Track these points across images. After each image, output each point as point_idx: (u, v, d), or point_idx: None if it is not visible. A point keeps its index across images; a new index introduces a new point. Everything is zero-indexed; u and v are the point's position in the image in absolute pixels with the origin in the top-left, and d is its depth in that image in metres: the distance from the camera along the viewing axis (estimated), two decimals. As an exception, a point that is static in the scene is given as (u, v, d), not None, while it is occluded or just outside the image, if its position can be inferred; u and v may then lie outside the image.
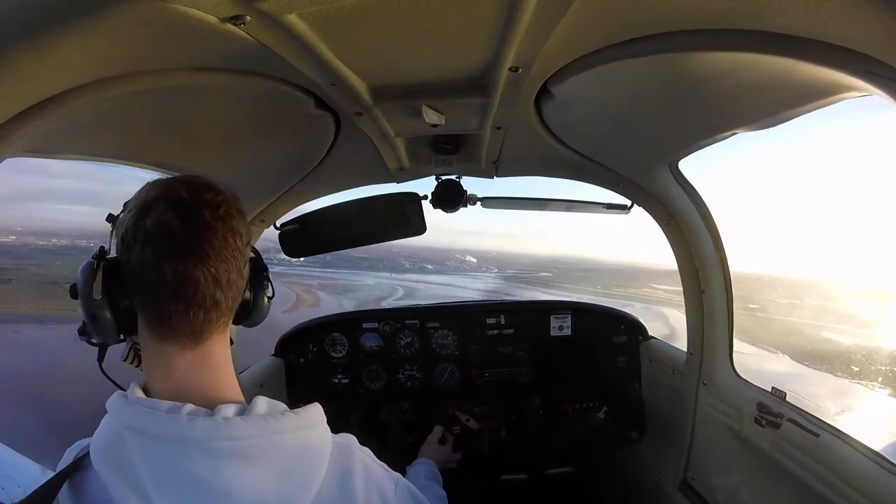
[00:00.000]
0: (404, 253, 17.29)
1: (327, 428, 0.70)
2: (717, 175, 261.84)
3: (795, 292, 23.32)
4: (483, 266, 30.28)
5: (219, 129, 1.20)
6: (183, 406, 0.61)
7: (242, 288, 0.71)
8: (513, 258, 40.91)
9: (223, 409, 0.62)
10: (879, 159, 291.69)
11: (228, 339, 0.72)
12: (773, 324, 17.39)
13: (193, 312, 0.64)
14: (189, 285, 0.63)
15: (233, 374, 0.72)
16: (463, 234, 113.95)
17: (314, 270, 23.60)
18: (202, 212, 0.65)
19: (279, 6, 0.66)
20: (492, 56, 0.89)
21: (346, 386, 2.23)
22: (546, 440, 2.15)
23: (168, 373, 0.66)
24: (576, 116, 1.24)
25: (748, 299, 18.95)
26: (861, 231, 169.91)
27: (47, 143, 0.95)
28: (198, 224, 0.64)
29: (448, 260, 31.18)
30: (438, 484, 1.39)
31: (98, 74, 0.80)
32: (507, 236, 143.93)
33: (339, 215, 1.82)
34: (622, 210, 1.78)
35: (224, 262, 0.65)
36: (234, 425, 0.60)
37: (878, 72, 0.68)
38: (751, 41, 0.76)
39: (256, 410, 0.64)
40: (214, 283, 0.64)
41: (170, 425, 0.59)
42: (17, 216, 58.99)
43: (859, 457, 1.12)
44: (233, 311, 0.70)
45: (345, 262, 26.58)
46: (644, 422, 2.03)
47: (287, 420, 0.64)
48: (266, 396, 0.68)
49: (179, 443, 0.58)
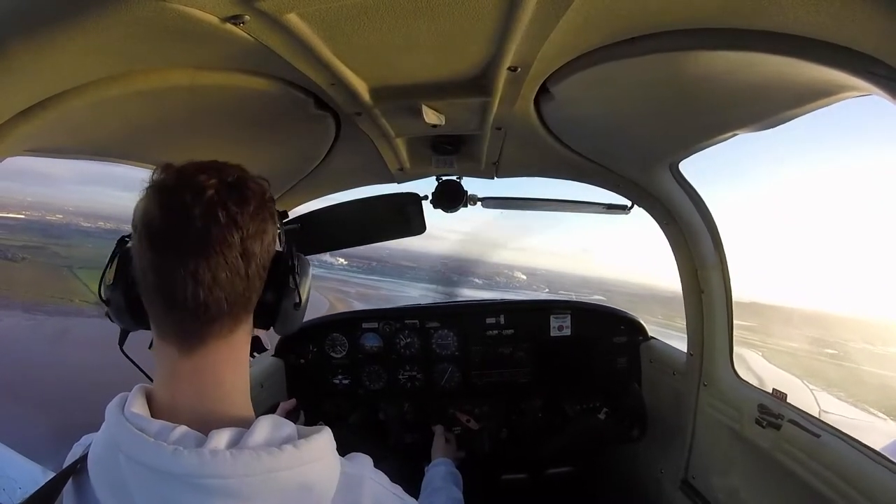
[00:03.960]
0: (452, 265, 16.63)
1: (335, 460, 0.62)
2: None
3: (863, 333, 21.44)
4: (533, 284, 28.95)
5: (219, 129, 1.20)
6: (173, 430, 0.55)
7: (251, 288, 0.62)
8: (562, 277, 39.53)
9: (215, 437, 0.55)
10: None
11: (241, 346, 0.64)
12: (863, 375, 15.28)
13: (179, 315, 0.58)
14: (167, 284, 0.56)
15: (241, 384, 0.65)
16: (510, 250, 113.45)
17: (355, 276, 22.23)
18: (183, 198, 0.57)
19: (278, 6, 0.66)
20: (491, 56, 0.89)
21: (347, 386, 2.23)
22: (547, 443, 2.15)
23: (168, 376, 0.62)
24: (576, 116, 1.23)
25: (822, 342, 17.89)
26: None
27: (47, 143, 0.95)
28: (176, 212, 0.57)
29: (497, 275, 30.09)
30: (457, 484, 1.40)
31: (98, 74, 0.80)
32: (552, 254, 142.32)
33: (339, 215, 1.83)
34: (622, 210, 1.78)
35: (206, 259, 0.56)
36: (222, 462, 0.53)
37: (878, 72, 0.68)
38: (751, 41, 0.76)
39: (254, 440, 0.56)
40: (195, 283, 0.56)
41: (156, 456, 0.54)
42: (73, 198, 58.96)
43: (860, 457, 1.12)
44: (238, 315, 0.62)
45: (391, 270, 25.35)
46: (645, 421, 2.03)
47: (284, 456, 0.55)
48: (255, 407, 0.63)
49: (165, 476, 0.54)
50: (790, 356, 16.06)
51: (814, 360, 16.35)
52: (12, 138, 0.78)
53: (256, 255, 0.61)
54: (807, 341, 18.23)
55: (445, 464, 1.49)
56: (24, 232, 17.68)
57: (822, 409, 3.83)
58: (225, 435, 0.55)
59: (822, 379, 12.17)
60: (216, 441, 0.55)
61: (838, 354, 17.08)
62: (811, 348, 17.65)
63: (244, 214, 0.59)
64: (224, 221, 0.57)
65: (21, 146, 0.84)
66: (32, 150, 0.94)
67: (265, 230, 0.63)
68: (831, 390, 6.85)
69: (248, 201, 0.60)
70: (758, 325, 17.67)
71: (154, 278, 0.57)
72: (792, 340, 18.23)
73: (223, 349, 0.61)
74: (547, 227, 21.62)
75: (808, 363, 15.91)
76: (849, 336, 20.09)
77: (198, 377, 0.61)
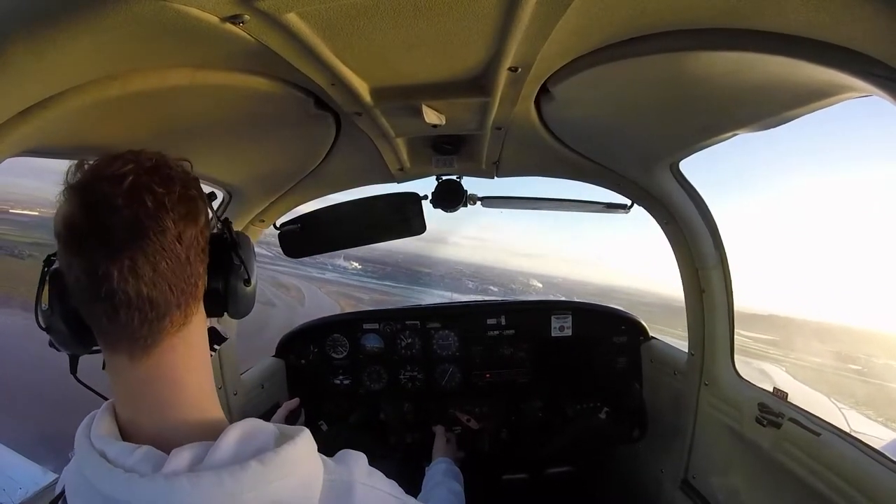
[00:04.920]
0: (468, 271, 16.25)
1: (314, 469, 0.57)
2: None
3: (886, 348, 20.68)
4: (549, 293, 28.56)
5: (219, 129, 1.20)
6: (133, 452, 0.52)
7: (195, 274, 0.57)
8: (576, 285, 38.88)
9: (175, 457, 0.51)
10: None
11: (197, 341, 0.60)
12: (891, 392, 15.00)
13: (125, 316, 0.52)
14: (103, 284, 0.51)
15: (205, 385, 0.61)
16: (526, 257, 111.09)
17: (369, 282, 21.73)
18: (102, 190, 0.52)
19: (278, 5, 0.66)
20: (491, 56, 0.89)
21: (347, 387, 2.23)
22: (547, 443, 2.15)
23: (124, 392, 0.57)
24: (576, 116, 1.23)
25: (845, 357, 17.39)
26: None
27: (47, 143, 0.95)
28: (98, 207, 0.52)
29: (513, 283, 29.66)
30: (457, 480, 1.40)
31: (98, 74, 0.80)
32: (567, 261, 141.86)
33: (339, 215, 1.83)
34: (622, 210, 1.78)
35: (141, 251, 0.51)
36: (178, 490, 0.48)
37: (878, 72, 0.68)
38: (751, 41, 0.76)
39: (218, 456, 0.51)
40: (134, 277, 0.51)
41: (110, 484, 0.50)
42: None
43: (860, 455, 1.12)
44: (188, 306, 0.57)
45: (405, 276, 24.91)
46: (645, 421, 2.03)
47: (247, 476, 0.50)
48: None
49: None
50: (814, 371, 15.67)
51: (839, 376, 15.95)
52: (12, 138, 0.78)
53: (193, 237, 0.57)
54: (830, 356, 17.86)
55: (446, 462, 1.50)
56: (36, 229, 17.61)
57: (853, 428, 3.73)
58: (186, 454, 0.51)
59: (849, 396, 11.82)
60: (175, 462, 0.50)
61: (864, 371, 16.63)
62: (835, 363, 17.24)
63: (171, 195, 0.55)
64: (152, 206, 0.53)
65: (21, 146, 0.84)
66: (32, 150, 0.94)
67: (197, 210, 0.58)
68: (860, 409, 6.60)
69: (174, 181, 0.56)
70: (779, 338, 17.31)
71: (88, 284, 0.52)
72: (814, 355, 17.82)
73: (179, 347, 0.57)
74: (561, 233, 21.16)
75: (834, 379, 15.54)
76: (872, 351, 19.65)
77: (156, 385, 0.56)
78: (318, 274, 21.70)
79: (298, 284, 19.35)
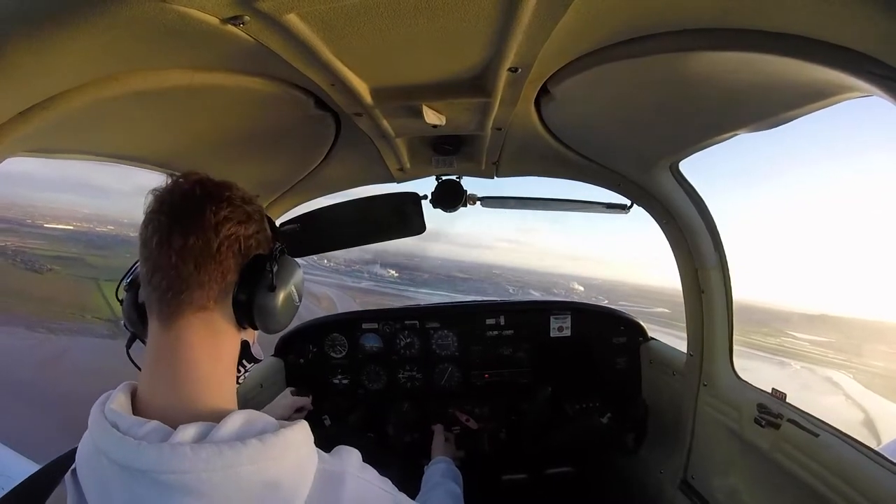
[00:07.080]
0: (508, 275, 16.12)
1: (308, 456, 0.61)
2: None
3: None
4: (592, 295, 28.42)
5: (219, 129, 1.20)
6: (143, 425, 0.56)
7: (224, 268, 0.63)
8: (616, 287, 38.85)
9: (182, 431, 0.55)
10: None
11: (219, 331, 0.64)
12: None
13: (157, 279, 0.61)
14: (150, 252, 0.62)
15: (220, 374, 0.65)
16: (562, 258, 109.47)
17: (407, 289, 21.62)
18: (177, 183, 0.65)
19: (278, 6, 0.66)
20: (491, 56, 0.89)
21: (346, 386, 2.23)
22: (546, 438, 2.15)
23: (149, 358, 0.63)
24: (576, 116, 1.23)
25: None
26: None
27: (47, 143, 0.95)
28: (168, 192, 0.64)
29: (554, 287, 29.62)
30: (455, 480, 1.40)
31: (98, 74, 0.80)
32: (601, 262, 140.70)
33: (339, 215, 1.83)
34: (622, 210, 1.78)
35: (181, 224, 0.61)
36: (181, 456, 0.52)
37: (878, 72, 0.68)
38: (751, 41, 0.76)
39: (221, 434, 0.55)
40: (168, 246, 0.61)
41: (122, 451, 0.54)
42: (130, 210, 60.42)
43: (859, 456, 1.12)
44: (210, 290, 0.62)
45: (444, 283, 24.75)
46: (643, 433, 2.04)
47: (247, 450, 0.54)
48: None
49: (134, 473, 0.53)
50: (884, 378, 14.75)
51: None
52: (12, 138, 0.78)
53: (232, 234, 0.64)
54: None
55: (445, 462, 1.50)
56: (66, 242, 17.67)
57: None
58: (192, 430, 0.55)
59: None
60: (181, 435, 0.54)
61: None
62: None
63: (225, 194, 0.65)
64: (200, 193, 0.64)
65: (21, 146, 0.84)
66: (32, 151, 0.94)
67: (245, 217, 0.66)
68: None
69: (233, 189, 0.67)
70: (836, 340, 16.73)
71: (144, 253, 0.63)
72: (880, 359, 17.06)
73: (198, 327, 0.62)
74: (595, 235, 20.50)
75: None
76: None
77: (173, 358, 0.62)
78: (354, 283, 21.59)
79: (330, 294, 19.08)
